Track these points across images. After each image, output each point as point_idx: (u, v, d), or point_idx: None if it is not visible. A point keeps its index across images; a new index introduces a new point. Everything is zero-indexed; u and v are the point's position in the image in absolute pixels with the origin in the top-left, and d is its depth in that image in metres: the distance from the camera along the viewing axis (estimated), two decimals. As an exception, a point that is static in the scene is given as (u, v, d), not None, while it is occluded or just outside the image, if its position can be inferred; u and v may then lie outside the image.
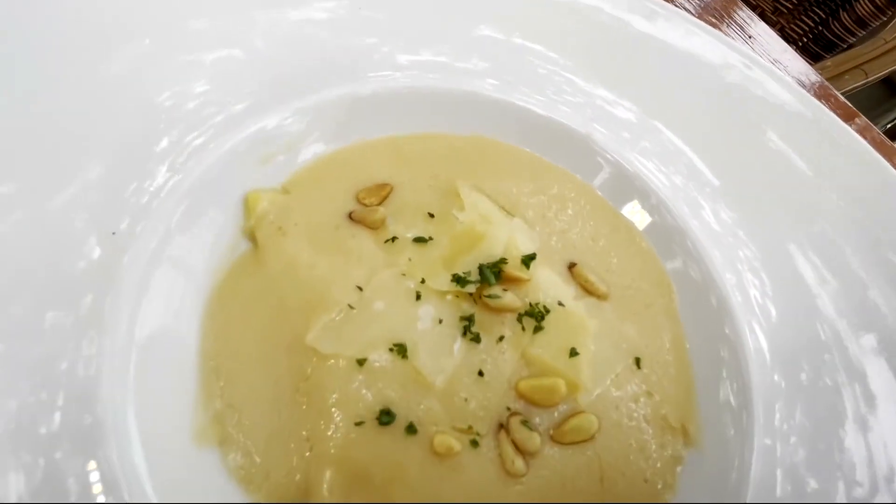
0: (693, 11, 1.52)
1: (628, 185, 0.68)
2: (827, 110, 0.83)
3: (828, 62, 2.59)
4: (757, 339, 0.57)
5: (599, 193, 0.70)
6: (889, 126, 3.94)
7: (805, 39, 2.98)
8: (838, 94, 1.51)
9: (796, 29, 3.07)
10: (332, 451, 0.46)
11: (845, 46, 2.89)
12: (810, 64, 2.92)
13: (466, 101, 0.70)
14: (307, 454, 0.46)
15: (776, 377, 0.54)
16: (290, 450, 0.46)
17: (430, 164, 0.68)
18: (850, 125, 1.33)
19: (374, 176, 0.66)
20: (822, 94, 1.47)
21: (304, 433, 0.47)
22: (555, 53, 0.75)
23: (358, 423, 0.47)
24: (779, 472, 0.50)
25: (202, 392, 0.49)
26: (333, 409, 0.47)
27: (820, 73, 2.79)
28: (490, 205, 0.64)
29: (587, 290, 0.62)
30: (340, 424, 0.47)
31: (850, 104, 1.48)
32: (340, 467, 0.45)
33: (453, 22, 0.74)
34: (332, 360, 0.49)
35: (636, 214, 0.68)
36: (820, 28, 2.99)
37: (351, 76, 0.66)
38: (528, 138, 0.72)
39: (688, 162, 0.69)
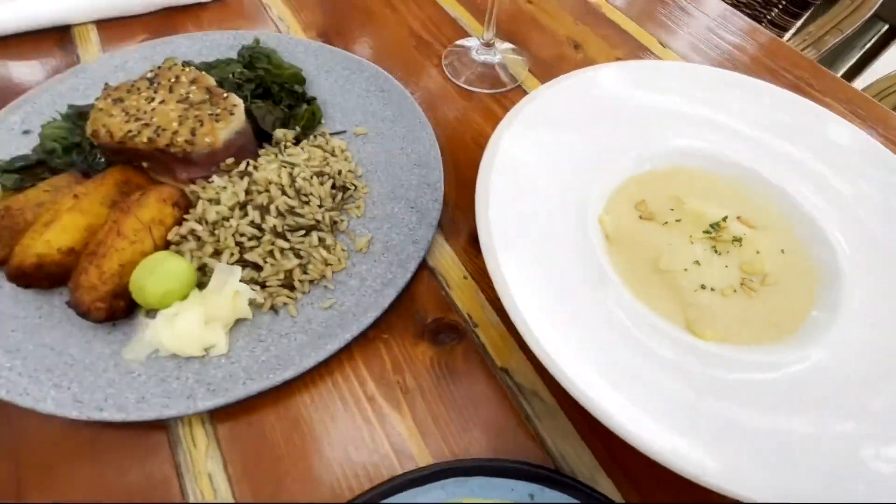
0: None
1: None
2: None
3: (811, 28, 3.30)
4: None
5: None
6: (868, 46, 4.60)
7: (784, 2, 3.69)
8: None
9: (776, -7, 3.76)
10: (679, 295, 1.28)
11: (818, 2, 3.59)
12: (790, 31, 3.75)
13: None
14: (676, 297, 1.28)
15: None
16: (669, 298, 1.28)
17: (660, 187, 1.49)
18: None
19: (638, 196, 1.47)
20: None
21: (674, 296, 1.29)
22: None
23: (695, 291, 1.29)
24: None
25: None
26: (681, 285, 1.29)
27: (805, 39, 3.65)
28: (699, 201, 1.46)
29: (749, 226, 1.43)
30: (684, 287, 1.29)
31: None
32: (686, 297, 1.27)
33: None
34: (670, 271, 1.31)
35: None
36: (796, -11, 3.65)
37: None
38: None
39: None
